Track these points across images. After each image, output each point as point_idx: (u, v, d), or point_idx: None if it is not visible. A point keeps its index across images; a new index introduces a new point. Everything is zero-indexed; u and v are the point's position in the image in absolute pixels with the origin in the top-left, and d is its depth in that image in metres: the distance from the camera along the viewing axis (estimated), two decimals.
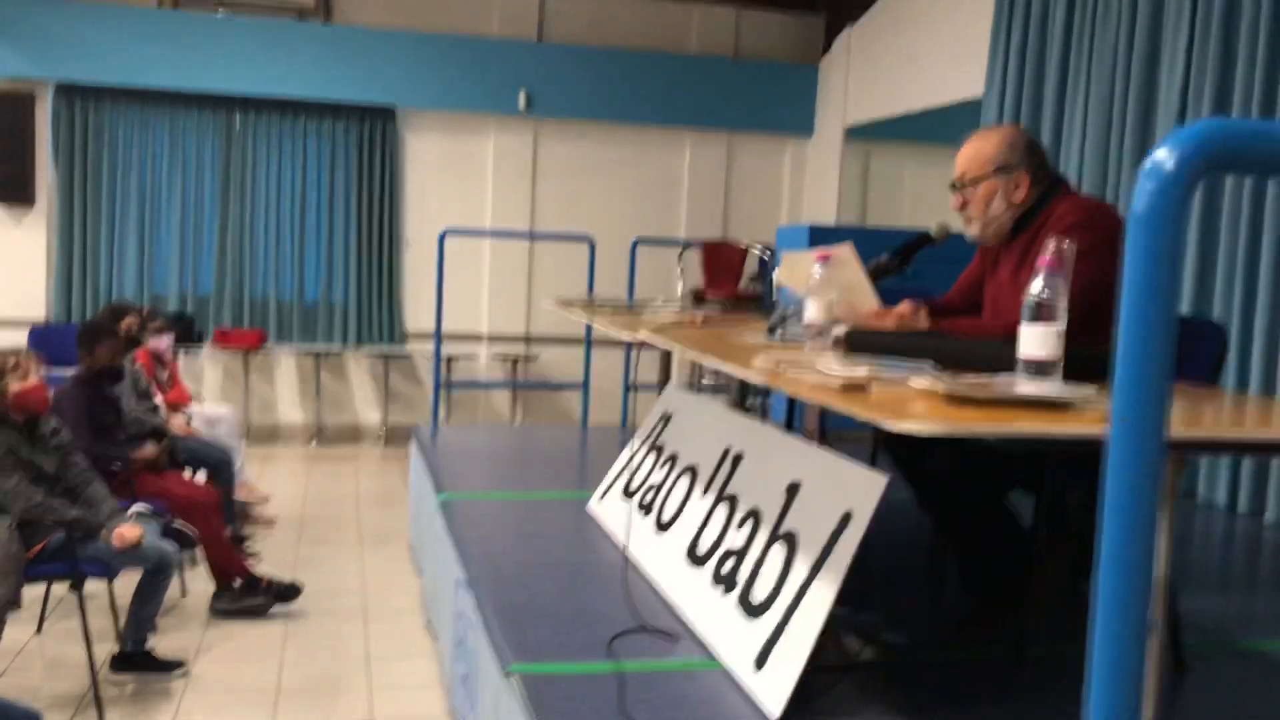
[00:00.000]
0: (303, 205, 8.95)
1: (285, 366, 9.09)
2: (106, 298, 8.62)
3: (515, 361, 9.24)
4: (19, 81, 8.41)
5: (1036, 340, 1.90)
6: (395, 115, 8.99)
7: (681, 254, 7.01)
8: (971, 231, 2.98)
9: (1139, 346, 0.79)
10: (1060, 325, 1.90)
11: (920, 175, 9.09)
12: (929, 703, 2.58)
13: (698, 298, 5.25)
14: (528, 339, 9.32)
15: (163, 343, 6.17)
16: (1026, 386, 1.84)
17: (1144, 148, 5.30)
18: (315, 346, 8.97)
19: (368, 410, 9.26)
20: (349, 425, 9.24)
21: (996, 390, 1.73)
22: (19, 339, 8.24)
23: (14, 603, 3.69)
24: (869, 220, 9.05)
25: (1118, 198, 5.43)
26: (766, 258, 6.49)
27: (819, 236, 6.44)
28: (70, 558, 3.77)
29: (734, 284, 6.15)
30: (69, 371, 5.03)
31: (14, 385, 3.71)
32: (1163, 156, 0.75)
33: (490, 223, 9.17)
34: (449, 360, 8.81)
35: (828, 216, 9.08)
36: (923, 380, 1.90)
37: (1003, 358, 1.99)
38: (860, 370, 2.00)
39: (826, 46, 9.31)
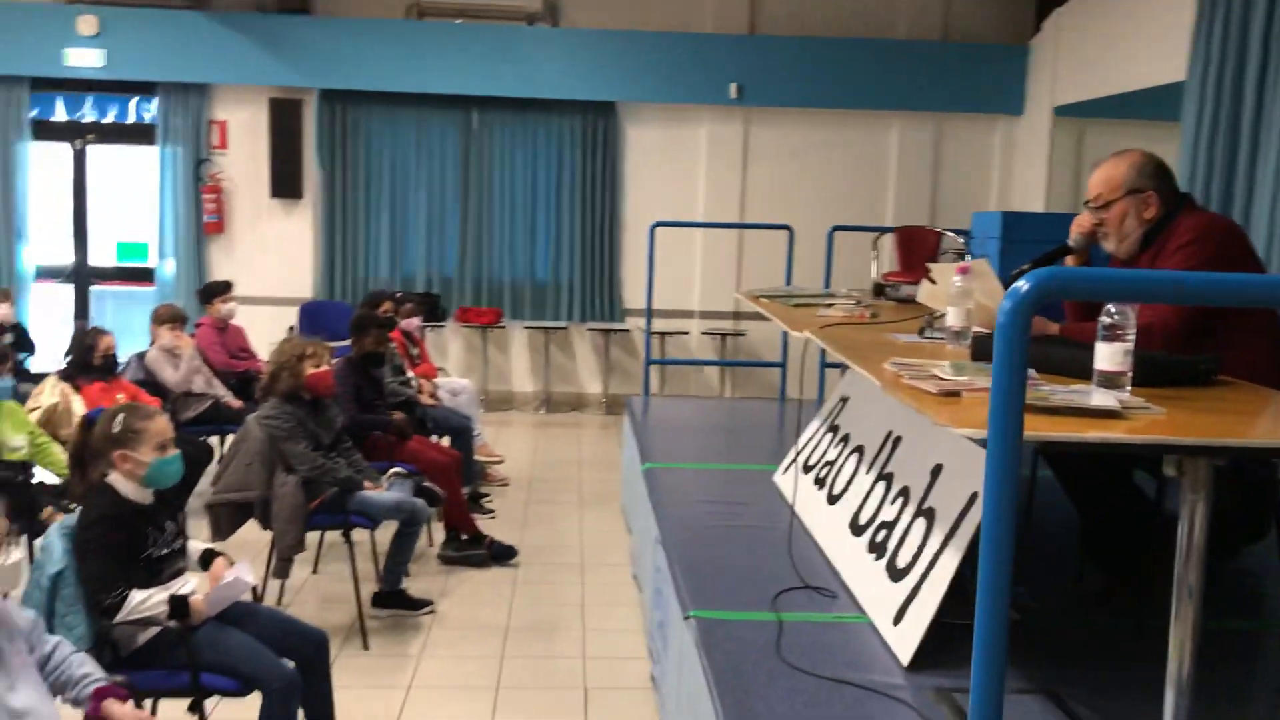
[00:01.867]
0: (533, 194, 9.78)
1: (518, 341, 9.98)
2: (363, 279, 9.72)
3: (724, 337, 9.80)
4: (289, 90, 9.54)
5: (1107, 356, 2.28)
6: (615, 109, 9.66)
7: (876, 241, 7.34)
8: (1109, 246, 3.30)
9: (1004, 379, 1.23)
10: (1127, 346, 2.27)
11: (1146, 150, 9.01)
12: (1045, 662, 2.96)
13: (878, 289, 5.62)
14: (736, 315, 9.85)
15: (413, 323, 7.06)
16: (1097, 398, 2.23)
17: None
18: (545, 323, 9.80)
19: (590, 381, 10.04)
20: (574, 395, 10.05)
21: (1058, 400, 2.14)
22: (290, 315, 9.45)
23: (299, 546, 4.54)
24: (1081, 201, 9.06)
25: None
26: (961, 244, 6.75)
27: (1012, 222, 6.68)
28: (341, 510, 4.59)
29: (926, 270, 6.42)
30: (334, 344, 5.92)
31: (309, 369, 4.54)
32: (1019, 285, 1.20)
33: (703, 207, 9.73)
34: (662, 336, 9.45)
35: (1037, 198, 9.16)
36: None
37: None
38: (962, 379, 2.43)
39: (1036, 28, 9.34)
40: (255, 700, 3.09)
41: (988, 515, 1.31)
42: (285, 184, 9.64)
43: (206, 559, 3.33)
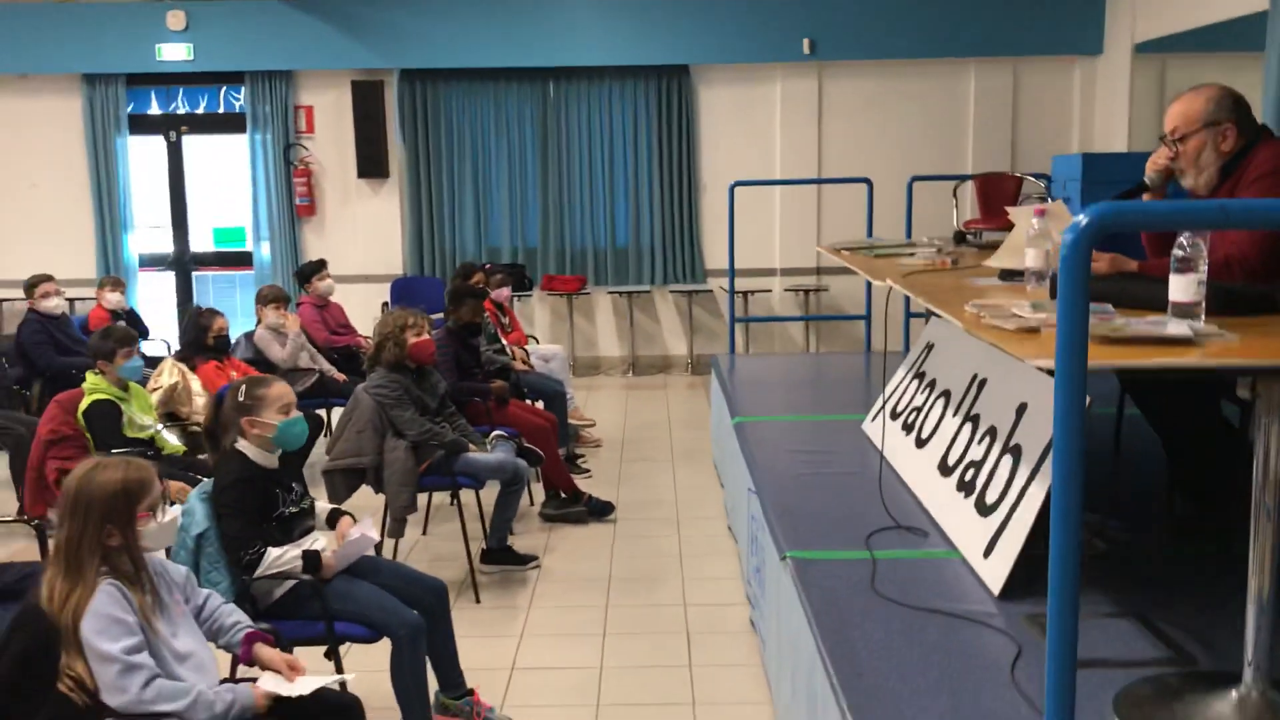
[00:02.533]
0: (611, 161, 9.94)
1: (603, 306, 10.18)
2: (451, 253, 9.99)
3: (807, 293, 9.87)
4: (370, 72, 9.80)
5: (1180, 288, 2.37)
6: (689, 72, 9.75)
7: (956, 189, 7.35)
8: (1186, 182, 3.34)
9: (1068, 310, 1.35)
10: (1200, 276, 2.36)
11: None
12: (1136, 589, 3.06)
13: (960, 236, 5.67)
14: (818, 271, 9.91)
15: (504, 293, 7.28)
16: (1171, 327, 2.32)
17: None
18: (627, 287, 9.98)
19: (675, 342, 10.20)
20: (659, 356, 10.23)
21: (1132, 330, 2.24)
22: (382, 291, 9.77)
23: (411, 507, 4.79)
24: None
25: None
26: (1042, 189, 6.75)
27: (1092, 163, 6.64)
28: (449, 472, 4.83)
29: (1008, 216, 6.45)
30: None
31: (411, 338, 4.77)
32: (1080, 219, 1.32)
33: (779, 164, 9.79)
34: (745, 295, 9.57)
35: (1119, 138, 9.05)
36: (1093, 318, 2.41)
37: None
38: (1040, 315, 2.53)
39: None
40: (385, 646, 3.33)
41: (1059, 431, 1.44)
42: (371, 164, 9.93)
43: (333, 518, 3.57)
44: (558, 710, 3.82)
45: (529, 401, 6.46)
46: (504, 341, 6.84)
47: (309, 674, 2.74)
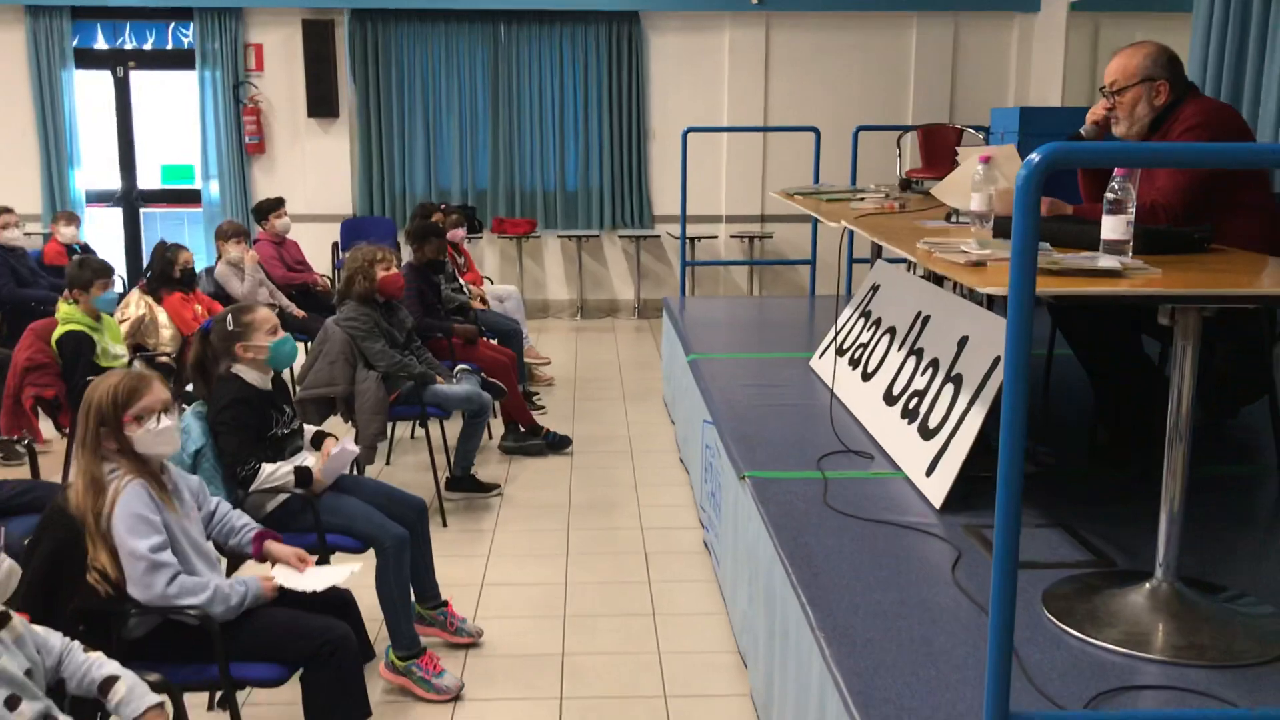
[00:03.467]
0: (561, 105, 10.06)
1: (552, 249, 10.35)
2: (401, 194, 10.09)
3: (752, 240, 10.14)
4: (320, 11, 9.80)
5: (1111, 227, 2.65)
6: (639, 18, 9.89)
7: (900, 139, 7.63)
8: (1119, 130, 3.63)
9: (1021, 234, 1.59)
10: (1129, 217, 2.64)
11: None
12: (1062, 504, 3.38)
13: (905, 183, 5.96)
14: (763, 219, 10.18)
15: (458, 233, 7.43)
16: (1099, 260, 2.60)
17: None
18: (577, 231, 10.16)
19: (623, 286, 10.43)
20: (607, 300, 10.45)
21: (1068, 264, 2.51)
22: (332, 231, 9.84)
23: (381, 434, 4.99)
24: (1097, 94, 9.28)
25: None
26: (981, 139, 7.04)
27: (1030, 116, 6.95)
28: (418, 402, 5.03)
29: (948, 165, 6.75)
30: None
31: (381, 273, 4.94)
32: (1032, 159, 1.56)
33: (727, 112, 10.00)
34: (692, 241, 9.80)
35: (1054, 93, 9.38)
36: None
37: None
38: (987, 250, 2.80)
39: None
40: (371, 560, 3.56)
41: (1009, 345, 1.69)
42: (321, 104, 9.95)
43: (317, 440, 3.77)
44: (526, 620, 4.08)
45: (487, 339, 6.66)
46: (461, 281, 7.01)
47: (318, 570, 2.96)
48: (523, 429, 6.04)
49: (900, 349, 4.23)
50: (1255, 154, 2.21)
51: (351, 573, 2.97)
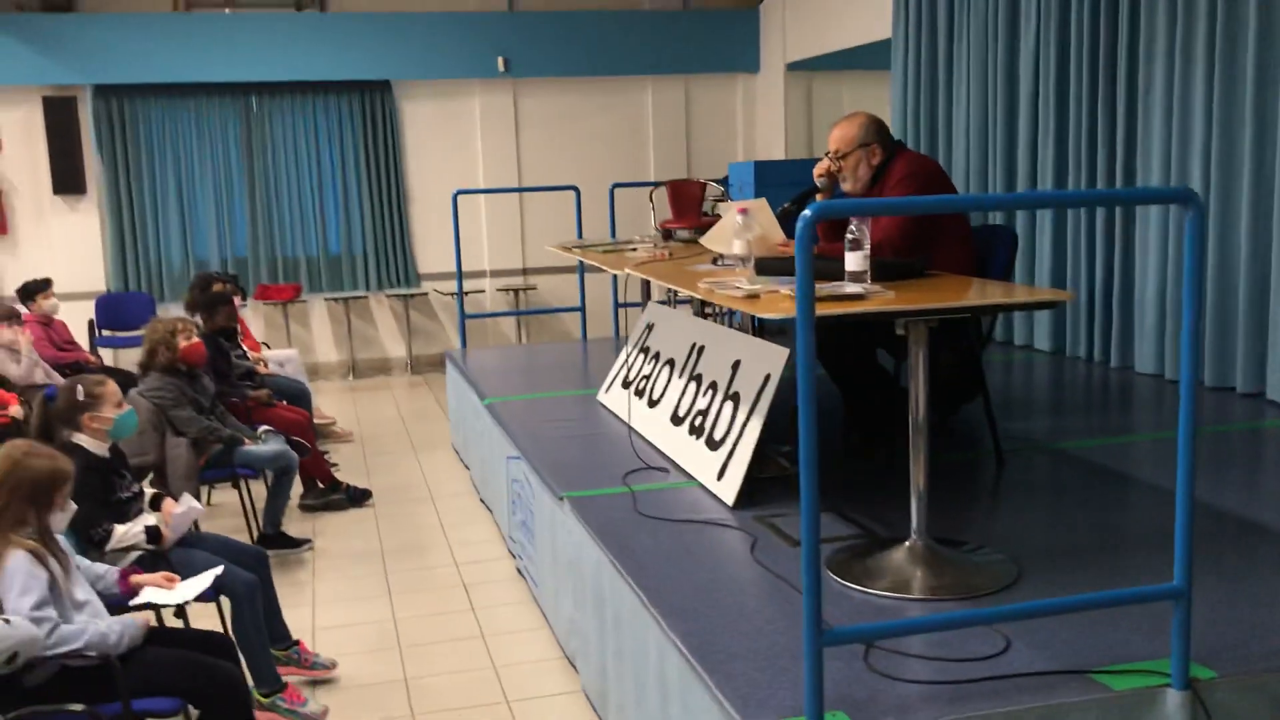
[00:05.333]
0: (319, 172, 10.29)
1: (318, 312, 10.50)
2: (156, 267, 10.01)
3: (517, 292, 10.65)
4: (63, 88, 9.65)
5: (853, 261, 3.32)
6: (391, 87, 10.27)
7: (652, 193, 8.34)
8: (846, 187, 4.37)
9: (803, 271, 2.18)
10: (865, 252, 3.31)
11: (856, 100, 10.38)
12: (828, 493, 4.01)
13: (665, 233, 6.63)
14: (524, 271, 10.72)
15: (236, 301, 7.54)
16: (846, 288, 3.26)
17: (1012, 80, 6.67)
18: (343, 293, 10.36)
19: (394, 345, 10.70)
20: (379, 359, 10.68)
21: (823, 291, 3.15)
22: (86, 309, 9.64)
23: (195, 498, 5.14)
24: (816, 146, 10.38)
25: (995, 120, 6.80)
26: (721, 192, 7.83)
27: (763, 170, 7.81)
28: (229, 464, 5.22)
29: (696, 216, 7.49)
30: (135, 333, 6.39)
31: (183, 343, 5.12)
32: (806, 214, 2.15)
33: (483, 173, 10.51)
34: (460, 296, 10.18)
35: (778, 146, 10.42)
36: (788, 289, 3.32)
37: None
38: (757, 285, 3.42)
39: None
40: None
41: (801, 354, 2.25)
42: (67, 181, 9.76)
43: (155, 502, 3.97)
44: (365, 655, 4.38)
45: (278, 402, 6.84)
46: (244, 347, 7.16)
47: (185, 583, 3.25)
48: (322, 485, 6.27)
49: (681, 376, 4.83)
50: (953, 203, 2.90)
51: (215, 576, 3.26)
